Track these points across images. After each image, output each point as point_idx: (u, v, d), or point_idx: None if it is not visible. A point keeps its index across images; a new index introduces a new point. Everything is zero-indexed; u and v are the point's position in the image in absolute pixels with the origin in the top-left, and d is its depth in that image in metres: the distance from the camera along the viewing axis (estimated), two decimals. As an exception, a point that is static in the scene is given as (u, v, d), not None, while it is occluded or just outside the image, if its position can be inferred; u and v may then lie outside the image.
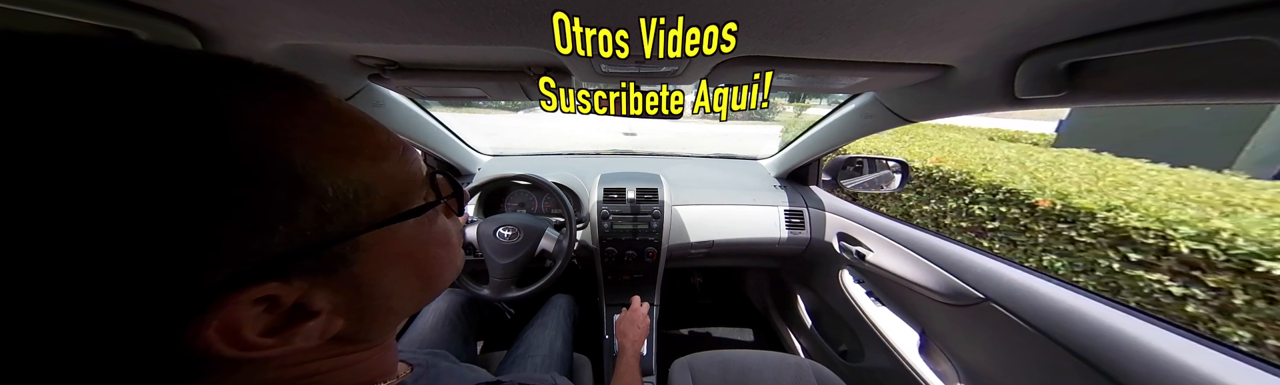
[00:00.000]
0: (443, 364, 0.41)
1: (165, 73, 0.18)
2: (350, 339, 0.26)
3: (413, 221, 0.26)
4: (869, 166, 1.39)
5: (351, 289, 0.24)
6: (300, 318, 0.22)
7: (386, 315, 0.28)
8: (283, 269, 0.20)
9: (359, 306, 0.25)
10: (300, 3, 0.47)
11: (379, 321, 0.28)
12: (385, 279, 0.26)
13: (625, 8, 0.45)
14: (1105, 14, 0.43)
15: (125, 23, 0.47)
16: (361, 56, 0.72)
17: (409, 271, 0.27)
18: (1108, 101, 0.55)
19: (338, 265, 0.22)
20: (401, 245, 0.26)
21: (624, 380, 0.79)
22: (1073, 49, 0.50)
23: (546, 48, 0.58)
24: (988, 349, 0.77)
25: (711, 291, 2.00)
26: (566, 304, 1.15)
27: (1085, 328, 0.61)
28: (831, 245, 1.27)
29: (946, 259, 0.88)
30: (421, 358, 0.40)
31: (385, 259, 0.25)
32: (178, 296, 0.18)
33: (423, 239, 0.28)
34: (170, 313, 0.18)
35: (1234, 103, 0.44)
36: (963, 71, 0.66)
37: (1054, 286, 0.71)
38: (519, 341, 0.96)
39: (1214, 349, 0.54)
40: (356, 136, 0.24)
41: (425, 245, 0.28)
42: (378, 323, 0.28)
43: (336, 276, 0.23)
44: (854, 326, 1.18)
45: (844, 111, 1.08)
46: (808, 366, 0.98)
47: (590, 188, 1.35)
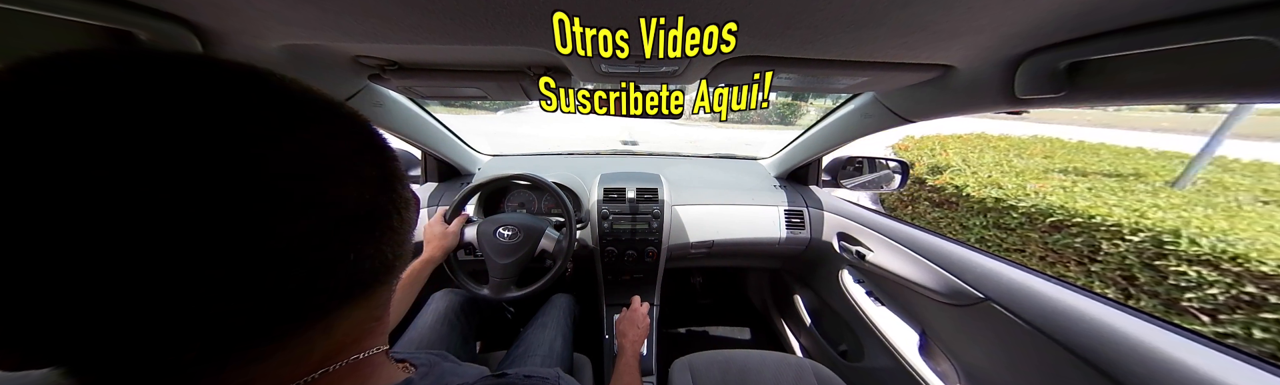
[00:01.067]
0: (445, 364, 0.41)
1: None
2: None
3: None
4: (869, 166, 1.39)
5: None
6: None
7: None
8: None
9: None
10: (300, 3, 0.47)
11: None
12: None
13: (625, 8, 0.45)
14: (1105, 14, 0.43)
15: (126, 23, 0.47)
16: (361, 56, 0.72)
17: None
18: (1108, 101, 0.55)
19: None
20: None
21: (624, 380, 0.80)
22: (1073, 49, 0.50)
23: (546, 48, 0.58)
24: (988, 349, 0.77)
25: (711, 291, 2.00)
26: (567, 304, 1.15)
27: (1085, 327, 0.61)
28: (831, 245, 1.27)
29: (946, 259, 0.88)
30: (423, 358, 0.40)
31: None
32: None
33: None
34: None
35: (1234, 102, 0.44)
36: (963, 71, 0.66)
37: (1054, 286, 0.71)
38: (519, 341, 0.96)
39: (1214, 349, 0.54)
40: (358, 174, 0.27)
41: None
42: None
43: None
44: (854, 326, 1.19)
45: (844, 111, 1.08)
46: (808, 366, 0.98)
47: (590, 187, 1.35)
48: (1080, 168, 3.90)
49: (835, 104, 1.14)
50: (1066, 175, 3.57)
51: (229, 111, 0.19)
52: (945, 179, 3.53)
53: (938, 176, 3.67)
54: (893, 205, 4.31)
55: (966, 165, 3.76)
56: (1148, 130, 14.05)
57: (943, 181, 3.52)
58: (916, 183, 3.93)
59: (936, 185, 3.58)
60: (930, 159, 4.19)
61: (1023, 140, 5.50)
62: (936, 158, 4.16)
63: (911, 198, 4.04)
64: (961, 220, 3.25)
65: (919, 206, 3.88)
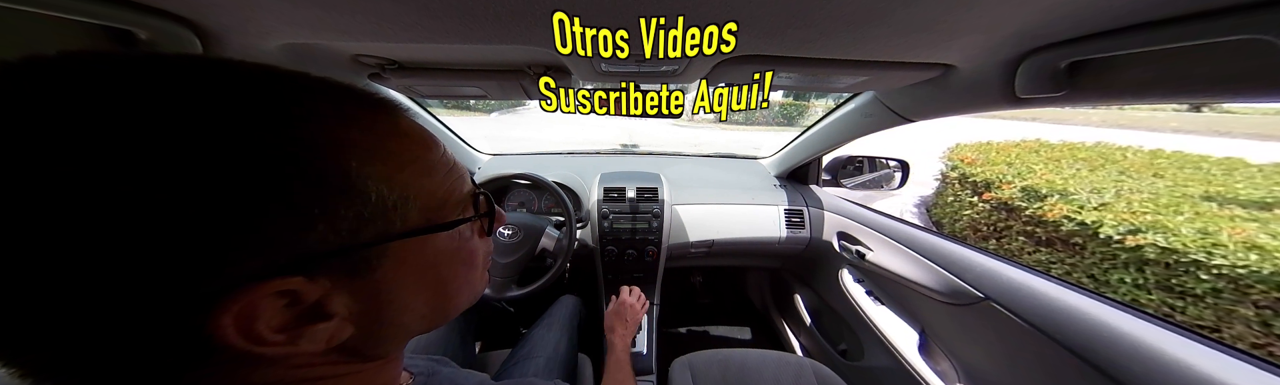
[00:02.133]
0: (443, 370, 0.41)
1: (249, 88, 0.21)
2: (354, 351, 0.26)
3: (443, 236, 0.27)
4: (869, 166, 1.39)
5: (370, 296, 0.24)
6: (314, 319, 0.23)
7: (394, 330, 0.28)
8: (313, 265, 0.21)
9: (372, 316, 0.25)
10: (300, 2, 0.47)
11: (386, 336, 0.28)
12: (403, 291, 0.26)
13: (625, 8, 0.45)
14: (1105, 14, 0.43)
15: (125, 22, 0.47)
16: (361, 55, 0.72)
17: (427, 286, 0.28)
18: (1108, 101, 0.55)
19: (363, 269, 0.23)
20: (426, 258, 0.27)
21: (616, 377, 0.79)
22: (1073, 48, 0.50)
23: (547, 47, 0.58)
24: (987, 348, 0.77)
25: (711, 291, 2.00)
26: (573, 305, 1.15)
27: (1084, 327, 0.61)
28: (831, 244, 1.27)
29: (946, 258, 0.88)
30: (422, 364, 0.40)
31: (407, 270, 0.26)
32: (212, 277, 0.19)
33: (448, 254, 0.29)
34: (199, 292, 0.19)
35: (1234, 102, 0.44)
36: (963, 71, 0.66)
37: (1054, 286, 0.71)
38: (525, 341, 0.96)
39: (1213, 348, 0.54)
40: (413, 152, 0.26)
41: (450, 261, 0.29)
42: (385, 338, 0.28)
43: (359, 281, 0.23)
44: (854, 326, 1.19)
45: (844, 111, 1.08)
46: (807, 365, 0.98)
47: (590, 187, 1.35)
48: (1223, 193, 2.74)
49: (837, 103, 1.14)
50: (1222, 206, 2.44)
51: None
52: (1056, 210, 2.59)
53: (1038, 203, 2.77)
54: (963, 233, 3.49)
55: (1087, 191, 2.75)
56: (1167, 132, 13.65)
57: (1053, 214, 2.58)
58: (1003, 209, 3.04)
59: (1041, 217, 2.67)
60: (1019, 178, 3.16)
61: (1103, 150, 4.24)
62: (1027, 177, 3.13)
63: (995, 228, 3.11)
64: (1092, 270, 2.36)
65: (1011, 241, 2.96)
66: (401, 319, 0.27)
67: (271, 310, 0.20)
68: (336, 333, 0.24)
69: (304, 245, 0.20)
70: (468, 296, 0.32)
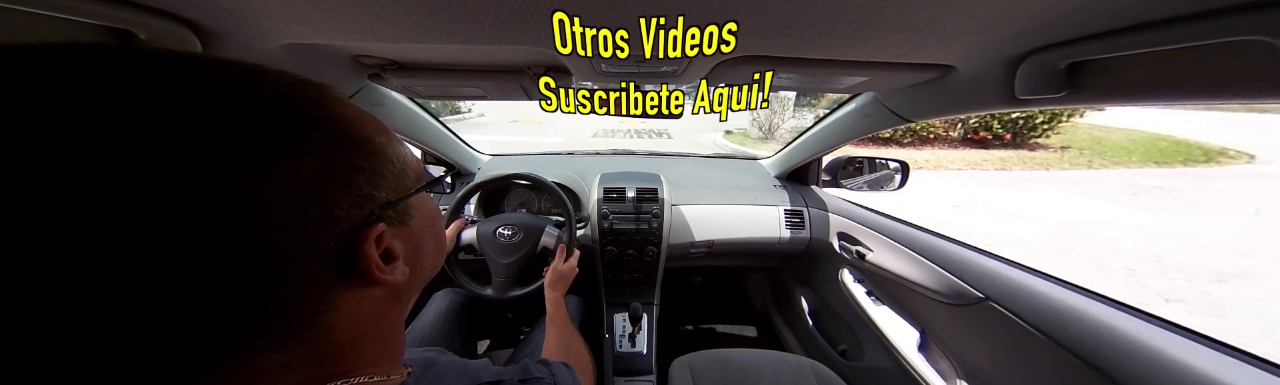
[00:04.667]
0: (442, 359, 0.41)
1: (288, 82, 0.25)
2: (400, 296, 0.32)
3: (422, 195, 0.33)
4: (869, 166, 1.39)
5: (411, 242, 0.31)
6: (389, 259, 0.28)
7: (419, 272, 0.33)
8: (383, 216, 0.27)
9: (413, 259, 0.31)
10: (300, 2, 0.47)
11: (418, 277, 0.34)
12: (424, 239, 0.33)
13: (625, 8, 0.45)
14: (1105, 14, 0.43)
15: (126, 22, 0.47)
16: (362, 56, 0.72)
17: (433, 235, 0.35)
18: (1108, 101, 0.55)
19: (406, 218, 0.30)
20: (428, 211, 0.34)
21: (563, 334, 0.78)
22: (1073, 49, 0.50)
23: (546, 48, 0.58)
24: (987, 348, 0.77)
25: (712, 291, 2.00)
26: (575, 306, 1.15)
27: (1084, 327, 0.61)
28: (832, 245, 1.27)
29: (946, 259, 0.89)
30: (418, 357, 0.40)
31: (423, 220, 0.32)
32: (361, 217, 0.25)
33: (434, 209, 0.37)
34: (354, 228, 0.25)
35: (1234, 102, 0.44)
36: (963, 71, 0.66)
37: (1054, 286, 0.71)
38: (527, 340, 0.96)
39: (1212, 348, 0.54)
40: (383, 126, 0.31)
41: (437, 214, 0.37)
42: (418, 278, 0.34)
43: (403, 229, 0.30)
44: (854, 326, 1.19)
45: (844, 111, 1.08)
46: (807, 365, 0.98)
47: (590, 187, 1.35)
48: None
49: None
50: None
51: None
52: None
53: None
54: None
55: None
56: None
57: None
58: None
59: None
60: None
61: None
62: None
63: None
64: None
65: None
66: (426, 262, 0.34)
67: (373, 251, 0.26)
68: (404, 270, 0.30)
69: (379, 198, 0.27)
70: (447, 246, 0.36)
